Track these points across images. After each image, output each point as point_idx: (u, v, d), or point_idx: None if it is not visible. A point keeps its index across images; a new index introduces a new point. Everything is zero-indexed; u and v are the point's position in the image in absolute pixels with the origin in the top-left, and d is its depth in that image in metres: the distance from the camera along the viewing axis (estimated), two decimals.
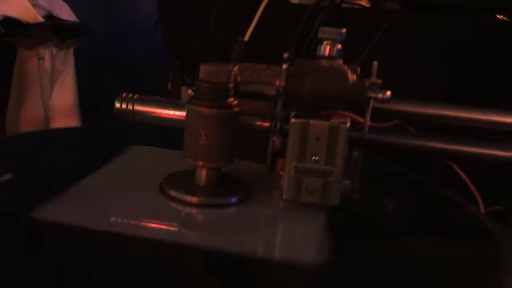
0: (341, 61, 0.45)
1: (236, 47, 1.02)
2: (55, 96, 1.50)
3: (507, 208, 0.64)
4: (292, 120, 0.41)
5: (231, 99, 0.44)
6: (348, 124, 0.41)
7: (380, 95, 0.41)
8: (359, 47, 0.93)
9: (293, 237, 0.43)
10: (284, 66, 0.41)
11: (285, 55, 0.41)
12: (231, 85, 0.44)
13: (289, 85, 0.41)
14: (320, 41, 0.46)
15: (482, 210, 0.53)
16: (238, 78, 0.51)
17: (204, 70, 0.43)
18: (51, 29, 1.44)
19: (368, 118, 0.44)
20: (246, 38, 1.01)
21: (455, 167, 0.52)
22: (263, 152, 0.45)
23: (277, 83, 0.42)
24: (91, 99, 1.54)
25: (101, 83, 1.61)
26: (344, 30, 0.46)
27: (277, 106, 0.42)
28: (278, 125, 0.43)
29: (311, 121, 0.41)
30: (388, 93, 0.41)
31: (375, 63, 0.47)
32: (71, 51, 1.60)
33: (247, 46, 1.02)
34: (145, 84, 1.17)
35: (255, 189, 0.48)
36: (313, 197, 0.42)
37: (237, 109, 0.44)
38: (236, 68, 0.52)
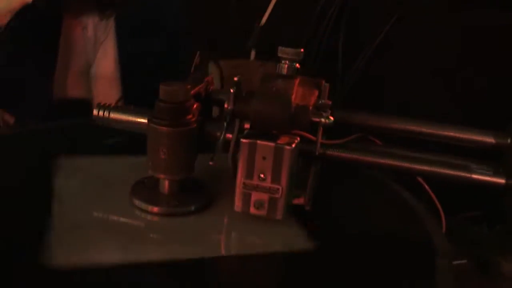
0: (296, 81, 0.46)
1: (253, 32, 1.03)
2: (97, 64, 1.58)
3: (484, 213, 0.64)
4: (242, 139, 0.44)
5: (189, 116, 0.47)
6: (294, 145, 0.43)
7: (323, 120, 0.43)
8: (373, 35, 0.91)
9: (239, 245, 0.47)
10: (231, 90, 0.43)
11: (235, 78, 0.43)
12: (190, 102, 0.47)
13: (236, 109, 0.44)
14: (279, 60, 0.48)
15: (443, 222, 0.54)
16: (211, 88, 0.54)
17: (162, 90, 0.46)
18: None
19: (319, 137, 0.45)
20: (262, 23, 1.02)
21: (420, 179, 0.53)
22: None
23: (226, 105, 0.44)
24: (132, 68, 1.60)
25: (141, 52, 1.65)
26: (302, 50, 0.47)
27: (224, 126, 0.45)
28: (234, 141, 0.46)
29: (258, 142, 0.44)
30: (332, 118, 0.43)
31: (326, 84, 0.48)
32: (111, 21, 1.66)
33: (264, 31, 1.03)
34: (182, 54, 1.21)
35: (220, 197, 0.51)
36: (260, 211, 0.45)
37: (194, 125, 0.47)
38: (209, 78, 0.55)
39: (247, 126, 0.46)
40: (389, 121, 0.53)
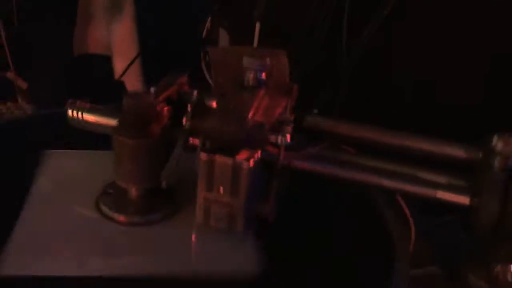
0: (260, 93, 0.46)
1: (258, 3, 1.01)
2: (115, 23, 1.58)
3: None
4: (200, 154, 0.44)
5: (153, 126, 0.47)
6: (252, 162, 0.43)
7: (279, 140, 0.42)
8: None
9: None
10: (189, 106, 0.43)
11: (195, 93, 0.43)
12: (154, 112, 0.47)
13: (192, 125, 0.43)
14: (246, 70, 0.47)
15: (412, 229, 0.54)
16: (184, 89, 0.54)
17: (126, 102, 0.46)
18: None
19: (282, 155, 0.45)
20: None
21: (399, 199, 0.53)
22: None
23: (184, 120, 0.44)
24: (148, 28, 1.59)
25: (157, 13, 1.63)
26: (268, 61, 0.46)
27: (178, 144, 0.45)
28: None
29: (217, 157, 0.44)
30: (288, 138, 0.42)
31: (295, 87, 0.47)
32: None
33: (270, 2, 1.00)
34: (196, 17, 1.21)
35: (188, 203, 0.52)
36: (220, 223, 0.46)
37: (157, 136, 0.47)
38: (182, 80, 0.54)
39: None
40: (360, 131, 0.52)
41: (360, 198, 0.55)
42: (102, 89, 1.45)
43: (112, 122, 0.53)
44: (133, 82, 1.49)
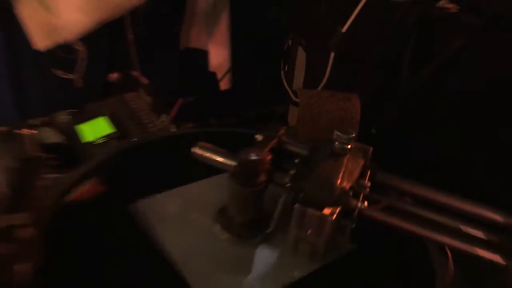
0: (345, 161, 0.60)
1: (334, 35, 1.13)
2: (213, 25, 1.75)
3: None
4: (295, 205, 0.60)
5: (261, 176, 0.63)
6: (335, 216, 0.58)
7: (359, 205, 0.57)
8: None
9: None
10: (291, 172, 0.59)
11: (296, 161, 0.58)
12: (263, 168, 0.62)
13: (293, 184, 0.59)
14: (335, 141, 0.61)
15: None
16: (283, 137, 0.70)
17: (241, 158, 0.62)
18: None
19: (355, 217, 0.60)
20: (344, 29, 1.11)
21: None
22: None
23: (286, 180, 0.60)
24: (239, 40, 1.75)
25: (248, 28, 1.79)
26: (353, 135, 0.61)
27: (282, 199, 0.60)
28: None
29: (308, 209, 0.59)
30: (366, 204, 0.57)
31: (370, 149, 0.61)
32: None
33: (344, 36, 1.12)
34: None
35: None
36: (305, 255, 0.62)
37: (263, 185, 0.63)
38: (281, 133, 0.69)
39: None
40: (418, 188, 0.65)
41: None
42: (198, 78, 1.66)
43: (225, 161, 0.69)
44: (221, 75, 1.68)
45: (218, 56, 1.71)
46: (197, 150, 0.70)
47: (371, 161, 0.66)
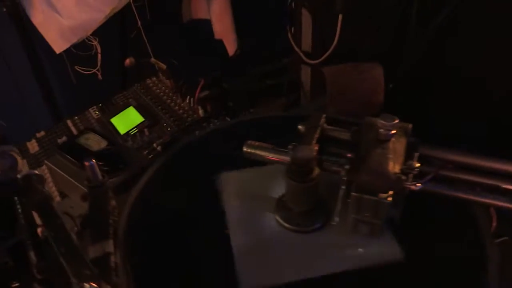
0: (390, 144, 0.65)
1: None
2: None
3: None
4: (352, 193, 0.65)
5: (314, 172, 0.68)
6: (390, 198, 0.64)
7: (412, 187, 0.62)
8: None
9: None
10: (345, 167, 0.64)
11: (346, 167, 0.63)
12: (314, 163, 0.67)
13: (349, 178, 0.64)
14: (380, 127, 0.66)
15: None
16: (324, 125, 0.74)
17: (293, 155, 0.66)
18: None
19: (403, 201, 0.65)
20: None
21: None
22: None
23: (342, 174, 0.65)
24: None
25: None
26: (397, 120, 0.65)
27: (340, 191, 0.66)
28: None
29: (364, 196, 0.64)
30: (419, 185, 0.62)
31: (410, 126, 0.66)
32: None
33: None
34: None
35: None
36: (365, 233, 0.69)
37: (316, 181, 0.68)
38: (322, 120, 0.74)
39: None
40: (459, 155, 0.70)
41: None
42: (207, 46, 1.68)
43: (277, 158, 0.74)
44: (228, 40, 1.70)
45: (222, 23, 1.71)
46: (246, 149, 0.75)
47: (411, 136, 0.70)
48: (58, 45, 1.45)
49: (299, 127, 0.75)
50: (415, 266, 0.68)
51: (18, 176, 0.65)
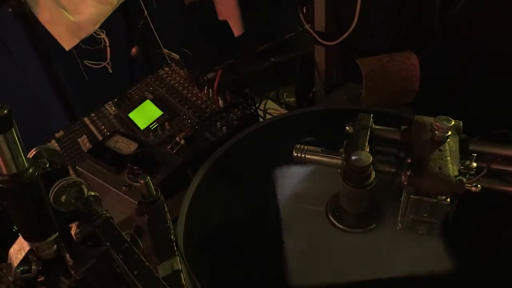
0: (446, 145, 0.66)
1: None
2: None
3: None
4: (412, 196, 0.66)
5: (370, 178, 0.69)
6: (448, 199, 0.65)
7: (473, 189, 0.63)
8: None
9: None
10: (407, 173, 0.64)
11: (408, 173, 0.64)
12: (371, 170, 0.68)
13: (410, 183, 0.65)
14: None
15: None
16: (373, 124, 0.74)
17: (350, 161, 0.67)
18: None
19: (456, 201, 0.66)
20: None
21: None
22: None
23: (402, 177, 0.66)
24: None
25: None
26: (453, 123, 0.65)
27: (404, 197, 0.67)
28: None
29: (424, 198, 0.66)
30: (479, 186, 0.63)
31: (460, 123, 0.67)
32: None
33: None
34: None
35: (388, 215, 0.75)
36: (423, 233, 0.70)
37: (373, 185, 0.69)
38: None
39: None
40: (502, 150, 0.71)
41: None
42: (212, 28, 1.66)
43: (325, 160, 0.75)
44: (233, 21, 1.68)
45: (225, 3, 1.68)
46: (296, 153, 0.76)
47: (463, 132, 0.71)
48: (67, 42, 1.41)
49: (347, 128, 0.75)
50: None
51: None
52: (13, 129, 0.54)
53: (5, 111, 0.53)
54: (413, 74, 0.90)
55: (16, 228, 0.62)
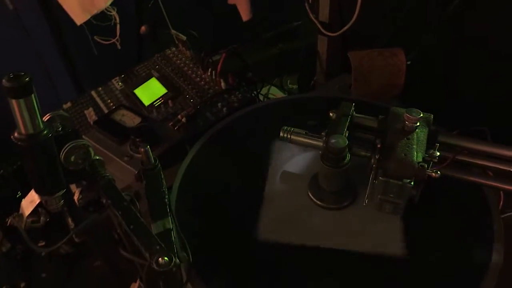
0: (415, 135, 0.73)
1: None
2: None
3: None
4: (380, 177, 0.74)
5: (345, 160, 0.77)
6: (412, 182, 0.73)
7: (433, 174, 0.71)
8: None
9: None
10: (376, 156, 0.72)
11: (376, 156, 0.72)
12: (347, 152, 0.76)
13: (377, 165, 0.73)
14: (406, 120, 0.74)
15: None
16: (354, 113, 0.82)
17: (329, 149, 0.75)
18: None
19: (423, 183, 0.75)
20: None
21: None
22: None
23: (372, 162, 0.73)
24: None
25: None
26: (421, 115, 0.73)
27: (371, 178, 0.75)
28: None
29: (391, 181, 0.74)
30: (439, 173, 0.71)
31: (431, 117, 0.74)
32: None
33: None
34: None
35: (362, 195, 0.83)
36: (389, 211, 0.78)
37: (348, 164, 0.77)
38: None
39: None
40: (474, 143, 0.79)
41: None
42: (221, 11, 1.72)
43: (308, 141, 0.83)
44: (242, 6, 1.74)
45: None
46: (282, 134, 0.84)
47: (433, 124, 0.79)
48: (79, 17, 1.48)
49: (330, 114, 0.83)
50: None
51: None
52: (32, 95, 0.63)
53: (27, 79, 0.61)
54: (399, 69, 0.98)
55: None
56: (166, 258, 0.64)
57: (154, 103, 1.39)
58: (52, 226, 0.77)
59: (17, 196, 0.75)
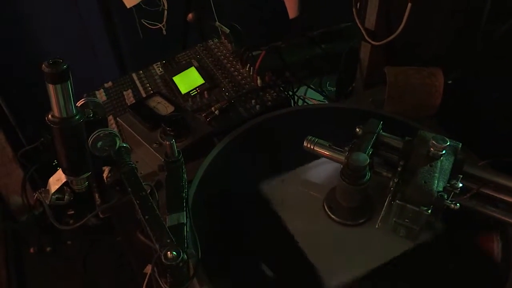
0: (439, 164, 0.72)
1: None
2: None
3: None
4: (397, 201, 0.74)
5: (364, 178, 0.76)
6: (430, 210, 0.72)
7: (452, 206, 0.70)
8: None
9: None
10: (395, 180, 0.71)
11: (395, 180, 0.71)
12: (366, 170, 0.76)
13: (396, 189, 0.72)
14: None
15: None
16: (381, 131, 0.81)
17: (350, 166, 0.75)
18: None
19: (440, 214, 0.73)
20: None
21: None
22: None
23: (391, 182, 0.73)
24: None
25: None
26: (448, 143, 0.71)
27: (388, 200, 0.74)
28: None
29: (408, 205, 0.73)
30: (458, 205, 0.69)
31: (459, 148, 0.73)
32: None
33: None
34: None
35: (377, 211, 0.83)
36: (403, 234, 0.78)
37: (367, 184, 0.76)
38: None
39: None
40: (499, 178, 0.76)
41: None
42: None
43: (330, 154, 0.83)
44: (290, 3, 1.73)
45: None
46: (306, 144, 0.84)
47: (460, 153, 0.77)
48: (129, 0, 1.52)
49: (357, 129, 0.82)
50: None
51: None
52: (68, 82, 0.66)
53: (64, 66, 0.64)
54: (437, 90, 0.95)
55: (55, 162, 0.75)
56: (174, 252, 0.66)
57: (191, 92, 1.41)
58: (83, 197, 0.81)
59: (53, 164, 0.79)
